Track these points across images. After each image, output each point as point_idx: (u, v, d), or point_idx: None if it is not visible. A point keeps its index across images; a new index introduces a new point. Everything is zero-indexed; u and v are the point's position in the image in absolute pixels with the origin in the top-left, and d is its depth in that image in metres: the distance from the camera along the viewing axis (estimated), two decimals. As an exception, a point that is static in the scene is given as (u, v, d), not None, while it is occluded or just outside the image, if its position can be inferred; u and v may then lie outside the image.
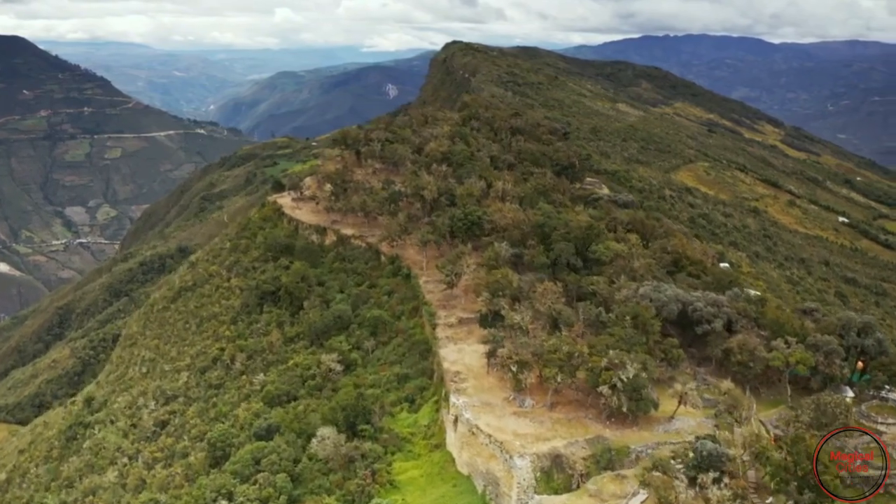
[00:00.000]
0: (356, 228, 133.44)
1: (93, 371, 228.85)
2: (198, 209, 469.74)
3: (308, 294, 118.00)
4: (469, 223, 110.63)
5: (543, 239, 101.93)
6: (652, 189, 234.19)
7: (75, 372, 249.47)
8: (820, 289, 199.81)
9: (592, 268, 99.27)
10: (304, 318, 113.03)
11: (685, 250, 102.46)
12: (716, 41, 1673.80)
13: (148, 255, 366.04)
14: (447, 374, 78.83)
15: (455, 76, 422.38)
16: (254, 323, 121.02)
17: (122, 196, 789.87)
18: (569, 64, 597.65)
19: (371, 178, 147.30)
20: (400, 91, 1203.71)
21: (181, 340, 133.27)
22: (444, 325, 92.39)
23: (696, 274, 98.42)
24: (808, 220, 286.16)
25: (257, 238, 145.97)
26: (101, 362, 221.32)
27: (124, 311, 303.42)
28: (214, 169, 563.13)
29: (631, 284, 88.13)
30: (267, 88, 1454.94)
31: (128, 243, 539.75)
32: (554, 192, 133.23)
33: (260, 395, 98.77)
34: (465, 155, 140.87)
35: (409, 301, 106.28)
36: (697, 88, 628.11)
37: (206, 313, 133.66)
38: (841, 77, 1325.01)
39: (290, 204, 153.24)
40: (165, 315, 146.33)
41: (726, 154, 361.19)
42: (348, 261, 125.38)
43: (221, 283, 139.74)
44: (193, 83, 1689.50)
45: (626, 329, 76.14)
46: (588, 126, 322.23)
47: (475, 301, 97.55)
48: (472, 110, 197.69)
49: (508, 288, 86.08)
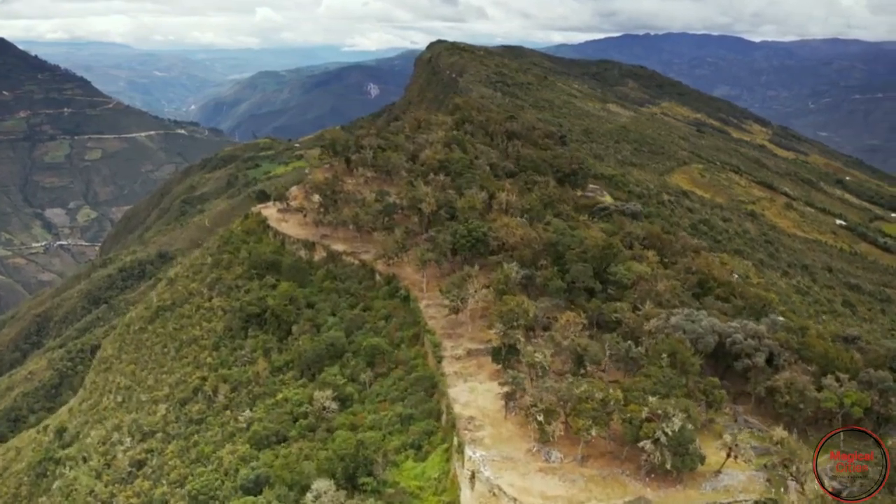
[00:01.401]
0: (348, 244, 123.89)
1: (70, 384, 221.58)
2: (178, 213, 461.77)
3: (297, 318, 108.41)
4: (473, 240, 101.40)
5: (556, 259, 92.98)
6: (650, 194, 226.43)
7: (52, 385, 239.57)
8: (828, 298, 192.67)
9: (611, 290, 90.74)
10: (293, 346, 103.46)
11: (711, 270, 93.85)
12: (696, 40, 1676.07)
13: (127, 260, 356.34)
14: (459, 420, 69.66)
15: (442, 76, 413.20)
16: (238, 349, 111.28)
17: (103, 197, 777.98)
18: (554, 63, 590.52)
19: (363, 188, 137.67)
20: (382, 91, 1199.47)
21: (159, 367, 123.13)
22: (451, 357, 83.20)
23: (725, 297, 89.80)
24: (805, 224, 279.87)
25: (240, 253, 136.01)
26: (79, 374, 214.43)
27: (103, 319, 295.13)
28: (195, 171, 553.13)
29: (659, 312, 79.32)
30: (248, 88, 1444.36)
31: (107, 247, 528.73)
32: (560, 203, 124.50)
33: (246, 435, 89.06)
34: (463, 163, 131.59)
35: (408, 327, 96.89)
36: (684, 88, 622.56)
37: (186, 337, 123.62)
38: (822, 75, 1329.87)
39: (275, 216, 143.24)
40: (142, 337, 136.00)
41: (719, 155, 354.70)
42: (340, 280, 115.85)
43: (202, 303, 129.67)
44: (174, 83, 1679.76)
45: (662, 369, 67.32)
46: (580, 128, 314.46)
47: (484, 329, 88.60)
48: (464, 113, 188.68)
49: (524, 318, 76.96)
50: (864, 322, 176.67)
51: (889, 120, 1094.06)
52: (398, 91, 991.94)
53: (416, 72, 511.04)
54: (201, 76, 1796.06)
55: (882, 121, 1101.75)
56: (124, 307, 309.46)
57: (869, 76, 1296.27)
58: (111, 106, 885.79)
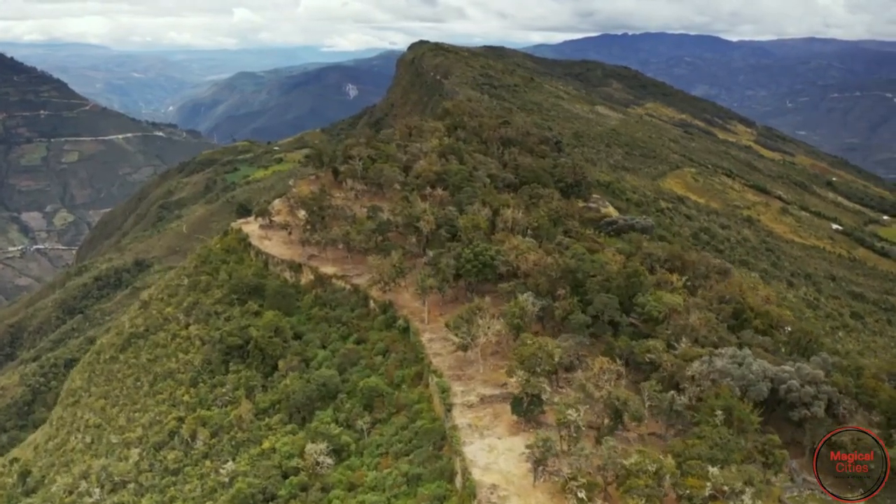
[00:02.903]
0: (337, 265, 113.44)
1: (44, 400, 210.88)
2: (155, 218, 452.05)
3: (283, 351, 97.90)
4: (480, 265, 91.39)
5: (576, 287, 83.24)
6: (647, 201, 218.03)
7: (25, 402, 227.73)
8: (837, 310, 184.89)
9: (634, 320, 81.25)
10: (279, 384, 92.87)
11: (746, 298, 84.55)
12: (674, 39, 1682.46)
13: (103, 268, 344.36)
14: (480, 489, 59.56)
15: (426, 78, 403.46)
16: (218, 386, 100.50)
17: (80, 201, 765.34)
18: (537, 63, 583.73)
19: (353, 202, 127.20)
20: (360, 91, 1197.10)
21: (131, 403, 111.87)
22: (462, 405, 72.97)
23: (765, 330, 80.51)
24: (802, 229, 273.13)
25: (220, 274, 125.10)
26: (53, 390, 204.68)
27: (78, 330, 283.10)
28: (173, 175, 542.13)
29: (699, 353, 69.84)
30: (226, 89, 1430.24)
31: (83, 253, 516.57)
32: (568, 219, 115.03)
33: (230, 493, 78.22)
34: (462, 175, 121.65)
35: (409, 364, 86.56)
36: (668, 88, 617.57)
37: (161, 370, 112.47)
38: (799, 74, 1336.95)
39: (257, 233, 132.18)
40: (113, 368, 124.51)
41: (710, 158, 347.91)
42: (330, 307, 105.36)
43: (178, 331, 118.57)
44: (152, 84, 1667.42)
45: (717, 428, 57.77)
46: (570, 131, 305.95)
47: (497, 368, 78.72)
48: (455, 118, 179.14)
49: (548, 363, 67.13)
50: (874, 335, 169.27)
51: (867, 118, 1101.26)
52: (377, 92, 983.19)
53: (398, 73, 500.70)
54: (179, 77, 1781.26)
55: (860, 119, 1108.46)
56: (100, 317, 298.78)
57: (846, 75, 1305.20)
58: (88, 108, 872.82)
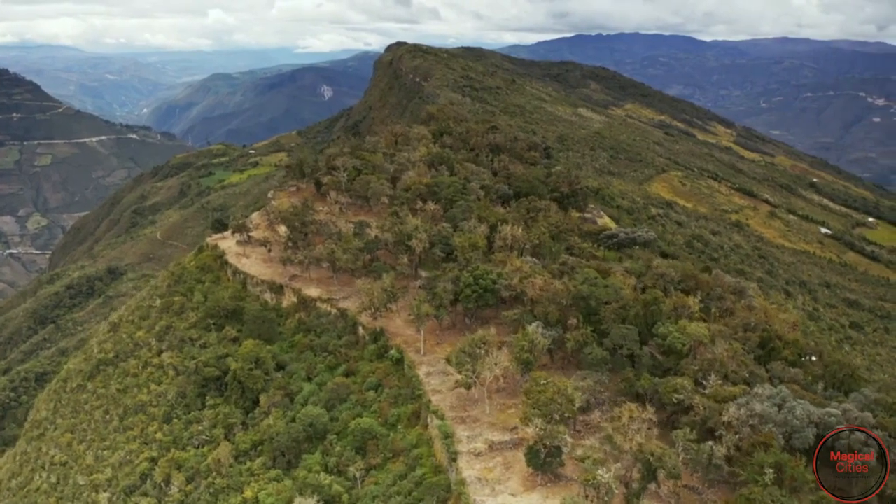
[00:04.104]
0: (322, 287, 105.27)
1: (14, 416, 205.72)
2: (129, 224, 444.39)
3: (265, 385, 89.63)
4: (480, 290, 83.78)
5: (588, 316, 75.99)
6: (638, 208, 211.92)
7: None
8: (838, 322, 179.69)
9: (651, 349, 74.19)
10: (261, 423, 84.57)
11: (772, 325, 77.68)
12: (648, 39, 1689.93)
13: (75, 276, 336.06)
14: (497, 561, 52.09)
15: (405, 80, 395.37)
16: (194, 423, 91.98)
17: (54, 204, 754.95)
18: (515, 65, 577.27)
19: (338, 217, 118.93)
20: (335, 92, 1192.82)
21: (100, 439, 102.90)
22: (469, 453, 65.23)
23: (794, 361, 73.74)
24: (791, 233, 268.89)
25: (194, 295, 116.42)
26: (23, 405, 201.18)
27: (50, 341, 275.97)
28: (146, 179, 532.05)
29: (732, 393, 62.77)
30: (200, 91, 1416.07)
31: (56, 259, 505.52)
32: (569, 234, 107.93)
33: (207, 552, 70.13)
34: (455, 188, 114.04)
35: (405, 401, 78.69)
36: (647, 89, 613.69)
37: (132, 402, 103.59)
38: (773, 74, 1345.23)
39: (234, 249, 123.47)
40: (80, 398, 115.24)
41: (695, 161, 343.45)
42: (315, 333, 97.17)
43: (150, 358, 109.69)
44: (126, 86, 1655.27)
45: (768, 488, 50.65)
46: (554, 134, 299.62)
47: (505, 409, 71.33)
48: (441, 124, 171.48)
49: (568, 409, 59.66)
50: (876, 346, 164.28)
51: (841, 118, 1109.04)
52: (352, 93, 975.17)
53: (375, 75, 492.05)
54: (153, 79, 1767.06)
55: (834, 119, 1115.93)
56: (72, 328, 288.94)
57: (820, 75, 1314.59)
58: (61, 110, 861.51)
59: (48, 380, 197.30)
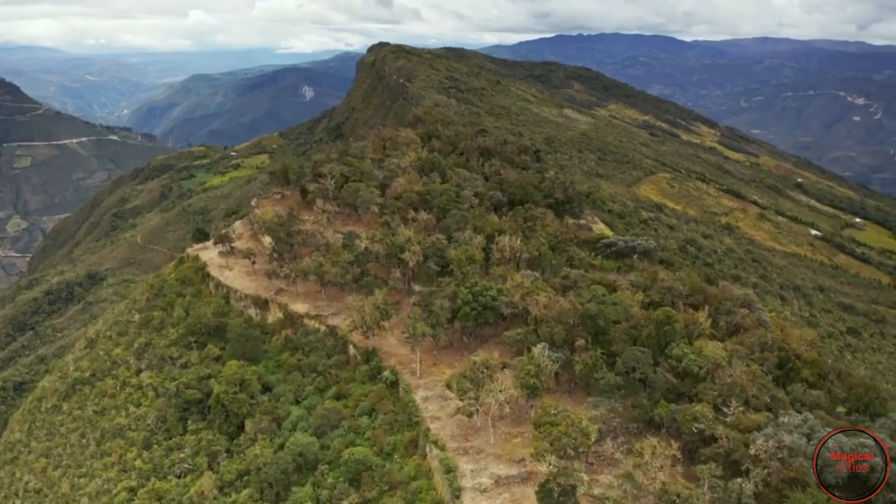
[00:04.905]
0: (310, 301, 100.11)
1: None
2: (109, 227, 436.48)
3: (250, 409, 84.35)
4: (480, 307, 79.02)
5: (597, 336, 71.46)
6: (628, 211, 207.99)
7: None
8: (837, 328, 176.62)
9: (664, 371, 69.84)
10: (247, 451, 79.26)
11: (790, 343, 73.46)
12: (629, 40, 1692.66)
13: (54, 282, 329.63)
14: None
15: (388, 81, 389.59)
16: (175, 449, 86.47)
17: (33, 207, 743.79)
18: (498, 65, 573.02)
19: (325, 227, 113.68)
20: (317, 93, 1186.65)
21: (76, 465, 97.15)
22: (474, 489, 60.33)
23: (815, 382, 69.58)
24: (781, 236, 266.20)
25: (175, 310, 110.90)
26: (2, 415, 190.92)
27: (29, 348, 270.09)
28: (127, 181, 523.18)
29: (756, 422, 58.40)
30: (181, 92, 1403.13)
31: (36, 263, 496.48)
32: (568, 244, 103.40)
33: None
34: (448, 196, 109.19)
35: (401, 428, 73.70)
36: (630, 89, 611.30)
37: (109, 425, 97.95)
38: (753, 73, 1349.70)
39: (216, 261, 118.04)
40: (56, 420, 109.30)
41: (682, 162, 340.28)
42: (303, 352, 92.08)
43: (128, 377, 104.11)
44: (106, 87, 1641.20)
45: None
46: (540, 136, 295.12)
47: (510, 438, 66.59)
48: (428, 126, 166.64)
49: (583, 445, 55.00)
50: (875, 353, 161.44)
51: (821, 117, 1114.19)
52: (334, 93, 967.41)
53: (358, 76, 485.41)
54: (134, 80, 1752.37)
55: (814, 118, 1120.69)
56: (51, 334, 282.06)
57: (800, 74, 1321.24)
58: (41, 112, 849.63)
59: (27, 389, 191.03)
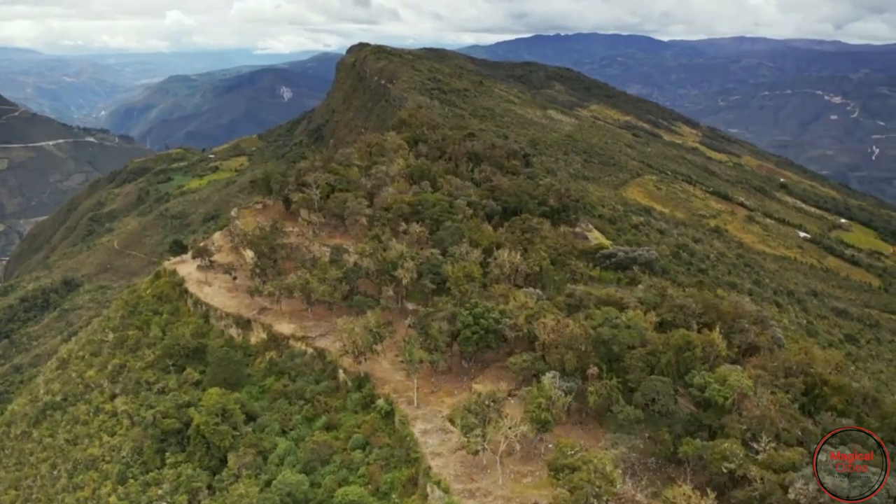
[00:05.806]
0: (296, 321, 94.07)
1: None
2: (85, 232, 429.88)
3: (234, 441, 78.16)
4: (482, 331, 73.50)
5: (610, 363, 66.22)
6: (619, 216, 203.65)
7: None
8: (835, 336, 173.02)
9: (684, 400, 64.70)
10: (230, 489, 73.03)
11: (816, 367, 68.54)
12: (606, 39, 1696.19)
13: (30, 288, 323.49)
14: None
15: (369, 83, 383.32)
16: (152, 485, 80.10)
17: (10, 210, 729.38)
18: (478, 66, 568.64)
19: (311, 240, 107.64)
20: (295, 94, 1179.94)
21: (46, 500, 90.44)
22: (483, 538, 55.13)
23: (844, 409, 64.77)
24: (770, 238, 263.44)
25: (151, 329, 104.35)
26: None
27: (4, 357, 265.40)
28: (103, 185, 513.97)
29: (790, 459, 53.44)
30: (159, 93, 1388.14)
31: (12, 268, 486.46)
32: (569, 258, 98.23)
33: None
34: (441, 207, 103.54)
35: (399, 464, 68.01)
36: (611, 89, 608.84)
37: (82, 455, 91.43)
38: (730, 73, 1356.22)
39: (195, 276, 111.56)
40: (25, 448, 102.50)
41: (668, 164, 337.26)
42: (289, 376, 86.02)
43: (102, 403, 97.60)
44: (84, 88, 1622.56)
45: None
46: (525, 138, 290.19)
47: (519, 477, 61.08)
48: (414, 130, 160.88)
49: (607, 493, 49.65)
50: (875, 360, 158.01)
51: (798, 116, 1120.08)
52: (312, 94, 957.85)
53: (338, 77, 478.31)
54: (111, 81, 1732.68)
55: (791, 117, 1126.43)
56: (26, 342, 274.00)
57: (777, 73, 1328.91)
58: (17, 114, 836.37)
59: (2, 400, 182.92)
